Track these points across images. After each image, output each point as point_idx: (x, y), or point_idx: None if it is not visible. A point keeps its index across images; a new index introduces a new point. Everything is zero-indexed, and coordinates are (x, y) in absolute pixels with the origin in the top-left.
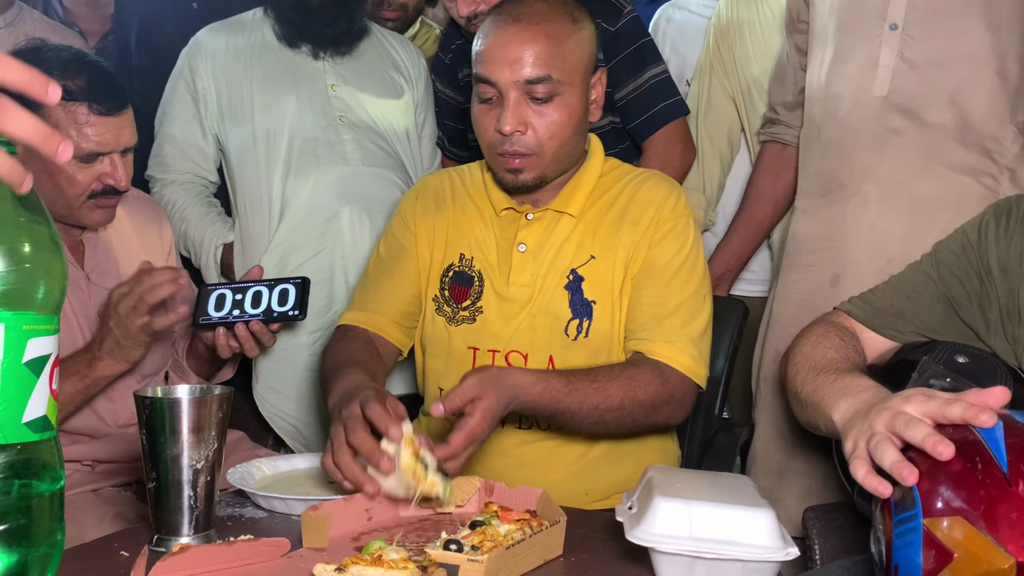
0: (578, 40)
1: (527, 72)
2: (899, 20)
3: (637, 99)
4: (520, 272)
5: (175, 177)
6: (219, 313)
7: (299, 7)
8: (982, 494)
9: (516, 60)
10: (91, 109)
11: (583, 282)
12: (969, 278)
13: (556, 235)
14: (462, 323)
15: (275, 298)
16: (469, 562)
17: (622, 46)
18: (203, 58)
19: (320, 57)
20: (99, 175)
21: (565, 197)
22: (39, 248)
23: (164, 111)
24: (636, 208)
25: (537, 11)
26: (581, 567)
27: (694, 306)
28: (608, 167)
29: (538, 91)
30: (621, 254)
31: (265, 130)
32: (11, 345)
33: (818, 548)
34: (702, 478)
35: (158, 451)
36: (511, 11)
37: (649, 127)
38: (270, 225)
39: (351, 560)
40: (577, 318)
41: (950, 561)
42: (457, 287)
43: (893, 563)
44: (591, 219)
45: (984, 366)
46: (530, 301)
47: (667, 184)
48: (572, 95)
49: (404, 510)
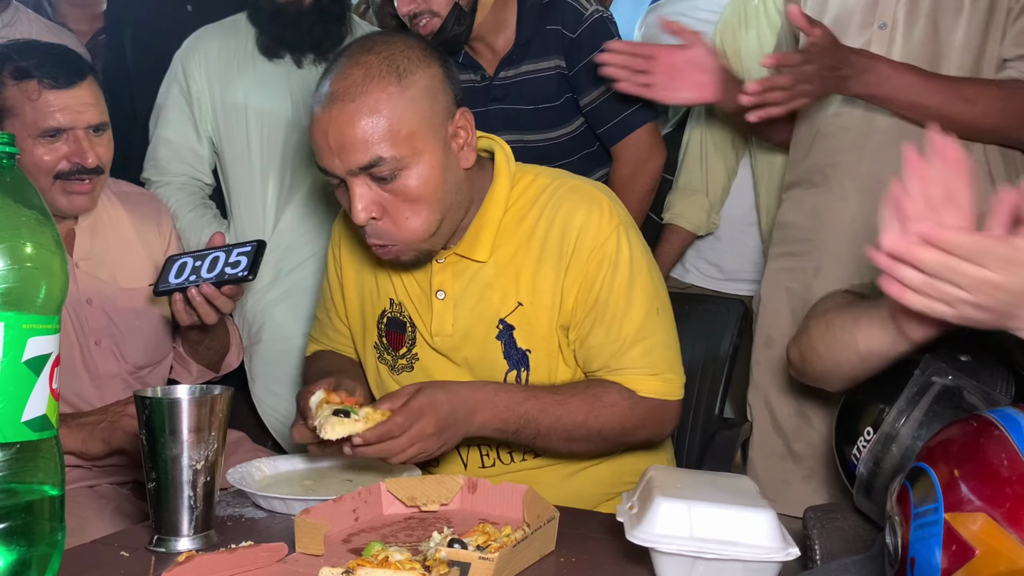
0: (411, 98)
1: (356, 159)
2: (888, 19)
3: (601, 106)
4: (442, 321)
5: (170, 179)
6: (177, 280)
7: (277, 17)
8: (1007, 491)
9: (340, 148)
10: (41, 84)
11: (514, 331)
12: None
13: (474, 282)
14: (402, 371)
15: (230, 261)
16: (480, 560)
17: (584, 53)
18: (197, 60)
19: (303, 65)
20: (64, 154)
21: (470, 241)
22: (41, 248)
23: (158, 113)
24: (555, 239)
25: (352, 83)
26: (581, 567)
27: (651, 327)
28: (517, 192)
29: (377, 173)
30: (548, 297)
31: (258, 133)
32: (11, 344)
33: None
34: (702, 478)
35: (158, 451)
36: (329, 89)
37: (616, 134)
38: (264, 228)
39: (356, 563)
40: (514, 369)
41: (971, 557)
42: (393, 333)
43: (910, 556)
44: (508, 261)
45: (984, 364)
46: (459, 349)
47: (583, 201)
48: (422, 160)
49: (388, 508)
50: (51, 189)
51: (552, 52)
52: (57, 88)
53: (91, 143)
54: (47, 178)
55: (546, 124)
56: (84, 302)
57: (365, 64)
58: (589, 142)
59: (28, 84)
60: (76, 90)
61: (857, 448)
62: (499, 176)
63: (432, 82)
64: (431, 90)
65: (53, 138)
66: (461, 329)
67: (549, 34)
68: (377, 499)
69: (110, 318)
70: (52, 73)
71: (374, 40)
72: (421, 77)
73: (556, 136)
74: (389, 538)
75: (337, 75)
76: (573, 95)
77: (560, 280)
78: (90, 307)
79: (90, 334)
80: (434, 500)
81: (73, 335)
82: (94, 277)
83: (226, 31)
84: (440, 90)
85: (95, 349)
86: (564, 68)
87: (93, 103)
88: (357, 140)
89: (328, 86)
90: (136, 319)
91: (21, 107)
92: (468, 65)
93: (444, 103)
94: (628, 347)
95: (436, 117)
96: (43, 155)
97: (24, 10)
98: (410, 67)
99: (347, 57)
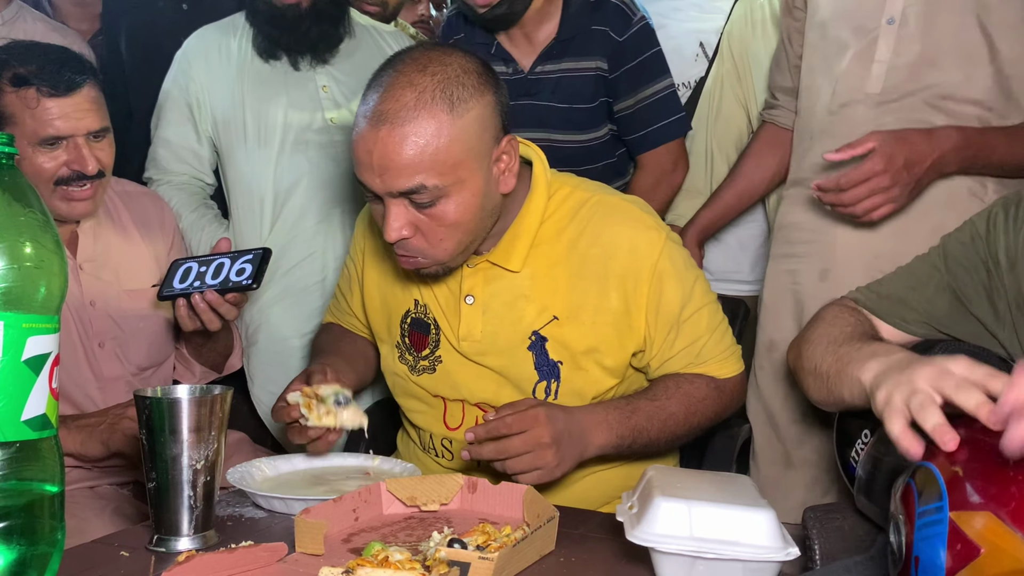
0: (462, 129)
1: (399, 183)
2: (897, 15)
3: (638, 113)
4: (471, 326)
5: (171, 179)
6: (181, 285)
7: (275, 20)
8: (1013, 490)
9: (384, 169)
10: (40, 92)
11: (547, 343)
12: (976, 269)
13: (505, 290)
14: (423, 372)
15: (234, 269)
16: (480, 560)
17: (626, 59)
18: (196, 61)
19: (299, 68)
20: (64, 162)
21: (504, 250)
22: (40, 247)
23: (159, 114)
24: (598, 258)
25: (404, 105)
26: (581, 567)
27: (715, 318)
28: (555, 204)
29: (417, 199)
30: (589, 315)
31: (256, 133)
32: (10, 343)
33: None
34: (702, 478)
35: (158, 451)
36: (377, 104)
37: (648, 142)
38: (262, 227)
39: (356, 563)
40: (544, 380)
41: (976, 556)
42: (416, 334)
43: (914, 555)
44: (545, 273)
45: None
46: (486, 355)
47: (627, 221)
48: (464, 188)
49: (388, 507)
50: (52, 196)
51: (595, 53)
52: (56, 96)
53: (91, 149)
54: (48, 185)
55: (576, 125)
56: (88, 304)
57: (419, 87)
58: (611, 151)
59: (27, 92)
60: (75, 97)
61: (856, 450)
62: (536, 186)
63: (484, 111)
64: (482, 119)
65: (53, 146)
66: (490, 335)
67: (595, 34)
68: (377, 499)
69: (113, 320)
70: (51, 80)
71: (429, 58)
72: (474, 106)
73: (583, 139)
74: (389, 538)
75: (388, 93)
76: (608, 99)
77: (605, 302)
78: (93, 309)
79: (93, 336)
80: (434, 500)
81: (77, 338)
82: (98, 279)
83: (224, 31)
84: (490, 119)
85: (99, 351)
86: (605, 71)
87: (93, 109)
88: (402, 165)
89: (377, 104)
90: (139, 321)
91: (20, 115)
92: (500, 56)
93: (493, 132)
94: (705, 342)
95: (483, 146)
96: (43, 163)
97: (27, 8)
98: (464, 95)
99: (400, 73)
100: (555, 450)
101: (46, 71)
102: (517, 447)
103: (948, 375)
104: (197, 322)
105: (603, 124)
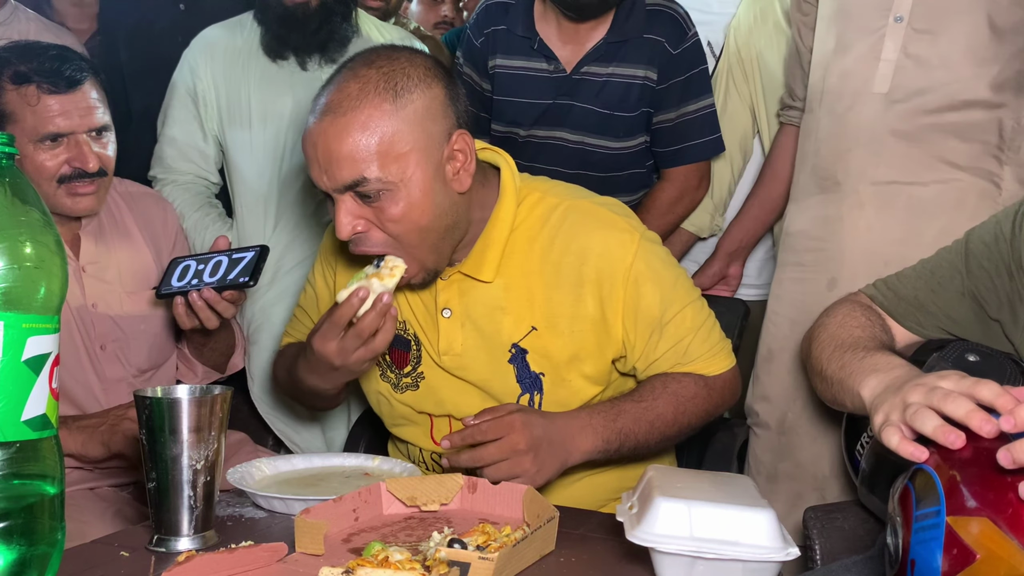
0: (405, 119)
1: (342, 175)
2: (905, 12)
3: (674, 128)
4: (451, 340)
5: (176, 178)
6: (179, 283)
7: (284, 20)
8: (1010, 496)
9: (328, 163)
10: (40, 88)
11: (527, 355)
12: (998, 272)
13: (480, 302)
14: (407, 390)
15: (232, 266)
16: (480, 560)
17: (677, 72)
18: (203, 60)
19: (307, 68)
20: (66, 159)
21: (475, 260)
22: (40, 248)
23: (165, 113)
24: (572, 265)
25: (347, 96)
26: (581, 567)
27: (700, 312)
28: (525, 211)
29: (361, 190)
30: (566, 323)
31: (262, 132)
32: (10, 343)
33: (818, 548)
34: (702, 478)
35: (158, 451)
36: (324, 100)
37: (678, 159)
38: (265, 228)
39: (356, 563)
40: (527, 392)
41: (972, 561)
42: (397, 351)
43: (910, 558)
44: (520, 284)
45: (993, 364)
46: (467, 370)
47: (599, 226)
48: (411, 184)
49: (388, 508)
50: (55, 193)
51: (646, 61)
52: (56, 93)
53: (92, 146)
54: (50, 183)
55: (614, 132)
56: (90, 307)
57: (363, 78)
58: (641, 162)
59: (27, 89)
60: (76, 94)
61: (861, 443)
62: (504, 194)
63: (431, 103)
64: (429, 111)
65: (54, 143)
66: (471, 349)
67: (648, 43)
68: (377, 499)
69: (115, 322)
70: (51, 77)
71: (378, 53)
72: (419, 97)
73: (617, 147)
74: (389, 538)
75: (334, 87)
76: (649, 109)
77: (583, 309)
78: (95, 311)
79: (96, 339)
80: (434, 500)
81: (79, 340)
82: (100, 280)
83: (231, 30)
84: (440, 112)
85: (101, 354)
86: (653, 81)
87: (94, 106)
88: (344, 156)
89: (324, 97)
90: (141, 323)
91: (21, 112)
92: (542, 53)
93: (443, 126)
94: (691, 341)
95: (430, 140)
96: (45, 160)
97: (22, 8)
98: (408, 85)
99: (348, 69)
100: (532, 456)
101: (47, 68)
102: (492, 454)
103: (937, 389)
104: (195, 320)
105: (640, 134)
